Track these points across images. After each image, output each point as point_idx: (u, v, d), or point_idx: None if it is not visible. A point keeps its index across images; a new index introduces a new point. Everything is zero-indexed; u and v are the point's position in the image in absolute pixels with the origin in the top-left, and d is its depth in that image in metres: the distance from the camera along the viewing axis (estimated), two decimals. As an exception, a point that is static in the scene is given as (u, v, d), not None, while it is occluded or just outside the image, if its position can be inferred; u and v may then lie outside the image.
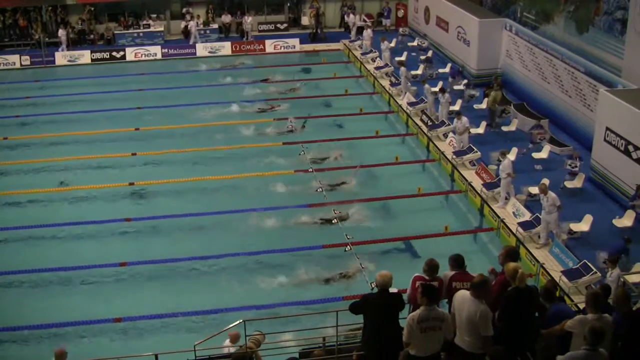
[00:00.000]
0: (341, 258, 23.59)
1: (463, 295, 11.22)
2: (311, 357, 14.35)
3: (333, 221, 25.61)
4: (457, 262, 12.56)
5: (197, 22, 48.74)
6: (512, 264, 11.85)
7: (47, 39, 46.51)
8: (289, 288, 22.15)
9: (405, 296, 12.38)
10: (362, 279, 22.12)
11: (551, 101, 32.93)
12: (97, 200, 27.88)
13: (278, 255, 23.75)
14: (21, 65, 44.87)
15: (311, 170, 29.36)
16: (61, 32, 46.09)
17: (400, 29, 48.65)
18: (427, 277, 12.18)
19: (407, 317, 11.27)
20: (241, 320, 14.10)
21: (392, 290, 12.07)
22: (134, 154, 31.30)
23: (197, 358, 14.03)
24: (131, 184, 28.71)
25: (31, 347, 19.93)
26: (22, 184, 29.13)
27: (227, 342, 15.62)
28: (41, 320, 20.55)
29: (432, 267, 12.29)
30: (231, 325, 14.60)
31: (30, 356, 19.70)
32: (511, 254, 12.51)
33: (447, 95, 32.65)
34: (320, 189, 27.76)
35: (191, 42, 47.66)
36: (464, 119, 29.71)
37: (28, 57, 44.96)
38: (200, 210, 26.48)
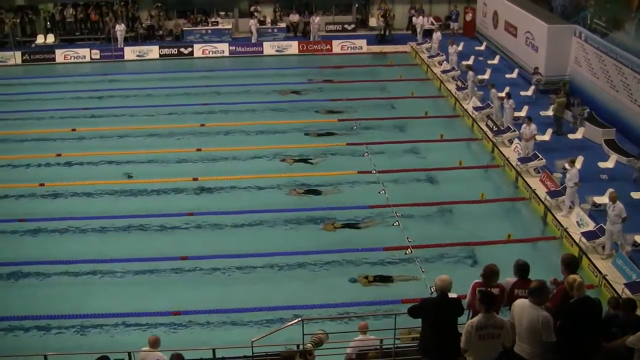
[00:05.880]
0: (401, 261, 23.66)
1: (522, 304, 11.09)
2: (366, 359, 14.33)
3: (394, 223, 25.62)
4: (521, 269, 12.41)
5: (260, 20, 49.20)
6: (570, 276, 11.63)
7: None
8: (350, 288, 22.18)
9: (464, 302, 12.31)
10: (422, 282, 22.04)
11: (619, 110, 32.32)
12: (161, 194, 28.30)
13: (339, 254, 23.78)
14: (91, 58, 45.82)
15: (374, 171, 29.38)
16: (118, 28, 46.73)
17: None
18: (484, 283, 12.09)
19: (465, 324, 11.21)
20: (300, 319, 14.15)
21: (452, 295, 12.00)
22: (199, 150, 31.77)
23: (254, 354, 14.12)
24: (195, 179, 29.02)
25: (89, 336, 20.30)
26: (89, 175, 29.68)
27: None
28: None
29: (488, 273, 12.20)
30: (290, 324, 14.67)
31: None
32: (568, 264, 12.13)
33: (511, 101, 32.27)
34: (383, 191, 27.78)
35: (253, 41, 48.02)
36: (533, 125, 29.32)
37: (98, 51, 45.85)
38: (262, 207, 26.75)
